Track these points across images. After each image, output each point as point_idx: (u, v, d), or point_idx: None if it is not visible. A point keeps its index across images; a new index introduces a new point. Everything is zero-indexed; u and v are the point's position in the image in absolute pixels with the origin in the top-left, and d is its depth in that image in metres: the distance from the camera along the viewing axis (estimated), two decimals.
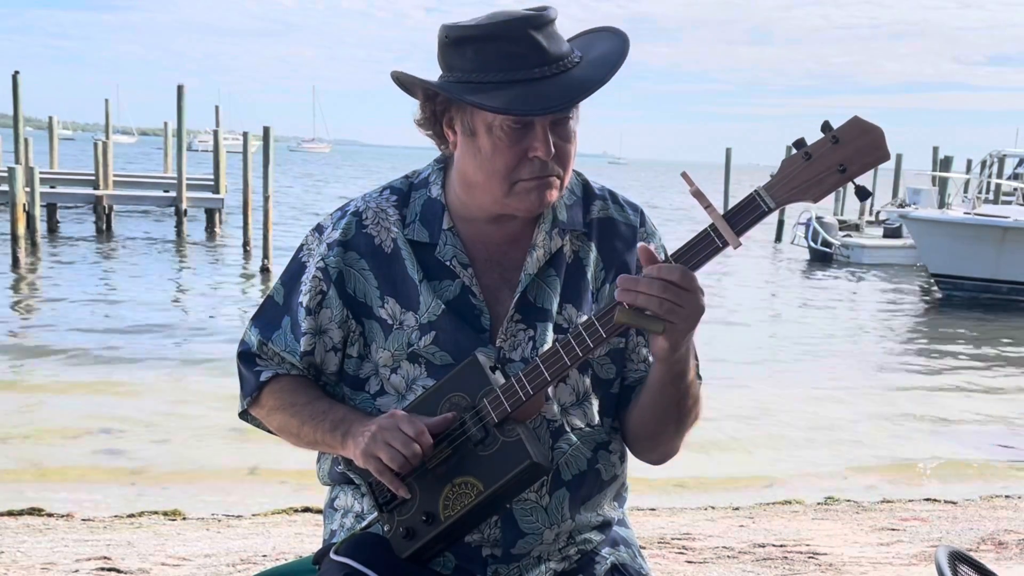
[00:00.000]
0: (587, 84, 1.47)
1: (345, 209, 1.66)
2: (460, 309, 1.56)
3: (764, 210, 1.37)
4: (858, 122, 1.34)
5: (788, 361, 11.83)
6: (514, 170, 1.49)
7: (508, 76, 1.46)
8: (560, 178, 1.53)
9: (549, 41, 1.48)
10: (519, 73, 1.46)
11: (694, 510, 5.19)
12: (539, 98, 1.44)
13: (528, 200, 1.51)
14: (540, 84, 1.46)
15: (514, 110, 1.44)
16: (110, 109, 33.91)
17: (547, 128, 1.48)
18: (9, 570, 3.55)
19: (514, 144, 1.48)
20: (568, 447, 1.57)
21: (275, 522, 4.54)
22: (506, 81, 1.46)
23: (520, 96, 1.45)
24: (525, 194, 1.51)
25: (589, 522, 1.62)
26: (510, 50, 1.46)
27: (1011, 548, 4.34)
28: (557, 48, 1.49)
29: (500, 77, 1.46)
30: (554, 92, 1.45)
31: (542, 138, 1.48)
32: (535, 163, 1.49)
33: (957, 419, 9.08)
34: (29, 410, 8.02)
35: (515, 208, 1.53)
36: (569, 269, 1.60)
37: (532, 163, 1.49)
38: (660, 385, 1.51)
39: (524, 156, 1.49)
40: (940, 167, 28.78)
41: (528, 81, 1.46)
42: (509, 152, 1.48)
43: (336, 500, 1.70)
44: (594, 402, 1.60)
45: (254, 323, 1.70)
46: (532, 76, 1.46)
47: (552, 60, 1.48)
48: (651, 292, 1.36)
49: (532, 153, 1.48)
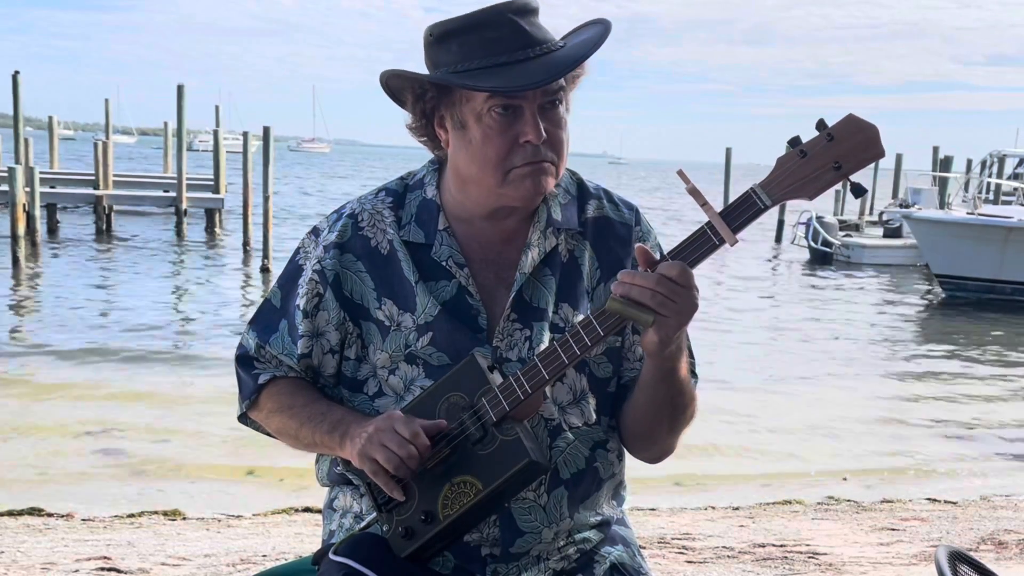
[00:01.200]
0: (571, 60, 1.49)
1: (341, 211, 1.66)
2: (457, 309, 1.56)
3: (760, 207, 1.37)
4: (853, 120, 1.35)
5: (788, 361, 11.82)
6: (506, 158, 1.50)
7: (492, 60, 1.48)
8: (555, 164, 1.54)
9: (531, 27, 1.50)
10: (502, 57, 1.48)
11: (694, 510, 5.19)
12: (524, 75, 1.46)
13: (523, 188, 1.51)
14: (524, 64, 1.48)
15: (500, 87, 1.45)
16: (110, 109, 33.93)
17: (536, 113, 1.49)
18: (9, 570, 3.55)
19: (504, 131, 1.49)
20: (566, 445, 1.58)
21: (275, 522, 4.54)
22: (491, 65, 1.47)
23: (505, 76, 1.46)
24: (520, 181, 1.51)
25: (588, 521, 1.62)
26: (492, 36, 1.48)
27: (1011, 548, 4.33)
28: (540, 33, 1.51)
29: (485, 63, 1.48)
30: (538, 69, 1.47)
31: (532, 123, 1.48)
32: (527, 148, 1.50)
33: (957, 419, 9.07)
34: (29, 410, 8.02)
35: (511, 198, 1.53)
36: (564, 268, 1.61)
37: (524, 149, 1.50)
38: (653, 382, 1.52)
39: (515, 142, 1.49)
40: (940, 167, 28.77)
41: (512, 63, 1.48)
42: (500, 139, 1.49)
43: (335, 500, 1.70)
44: (591, 401, 1.60)
45: (251, 326, 1.70)
46: (516, 58, 1.48)
47: (535, 43, 1.49)
48: (646, 284, 1.37)
49: (523, 138, 1.49)
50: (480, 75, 1.47)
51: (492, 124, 1.49)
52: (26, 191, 17.82)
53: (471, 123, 1.50)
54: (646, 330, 1.40)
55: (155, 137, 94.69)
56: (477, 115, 1.49)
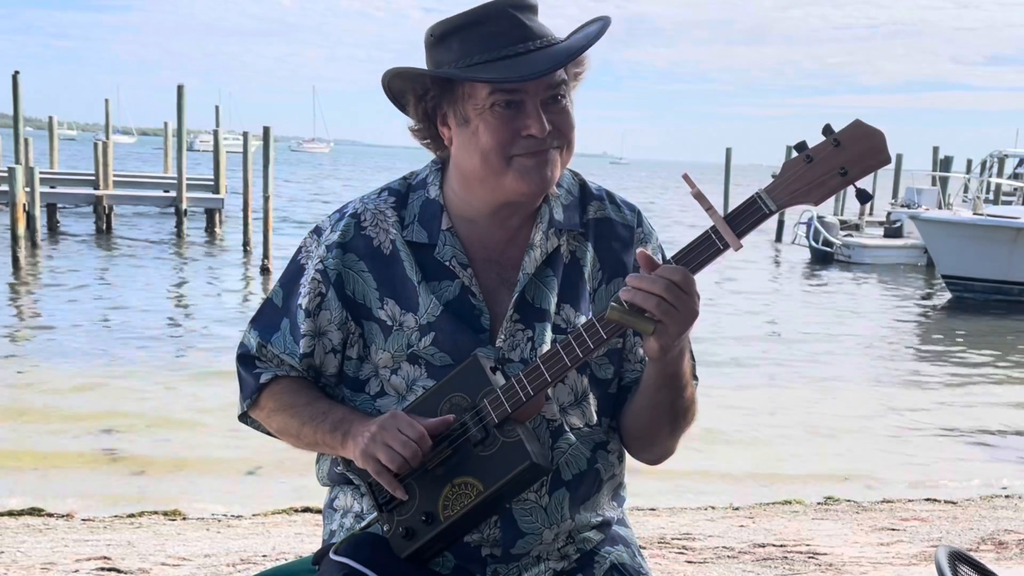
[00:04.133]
0: (571, 50, 1.49)
1: (343, 211, 1.66)
2: (460, 310, 1.56)
3: (765, 212, 1.37)
4: (860, 125, 1.35)
5: (789, 360, 11.82)
6: (508, 146, 1.50)
7: (493, 55, 1.48)
8: (561, 149, 1.53)
9: (531, 22, 1.51)
10: (504, 50, 1.48)
11: (694, 510, 5.18)
12: (526, 65, 1.46)
13: (528, 180, 1.51)
14: (525, 57, 1.48)
15: (501, 79, 1.46)
16: (110, 109, 33.91)
17: (538, 106, 1.49)
18: (9, 570, 3.55)
19: (508, 123, 1.49)
20: (568, 447, 1.58)
21: (275, 522, 4.54)
22: (492, 59, 1.48)
23: (507, 68, 1.46)
24: (525, 172, 1.50)
25: (588, 522, 1.62)
26: (492, 30, 1.49)
27: (1011, 548, 4.33)
28: (540, 28, 1.52)
29: (486, 57, 1.48)
30: (539, 60, 1.47)
31: (535, 115, 1.48)
32: (531, 140, 1.50)
33: (958, 419, 9.07)
34: (29, 410, 8.02)
35: (516, 190, 1.52)
36: (566, 269, 1.60)
37: (527, 140, 1.50)
38: (655, 386, 1.52)
39: (518, 135, 1.49)
40: (940, 167, 28.75)
41: (513, 56, 1.48)
42: (503, 130, 1.49)
43: (335, 500, 1.70)
44: (592, 402, 1.60)
45: (253, 325, 1.69)
46: (517, 51, 1.48)
47: (535, 36, 1.50)
48: (651, 290, 1.36)
49: (525, 132, 1.49)
50: (482, 69, 1.47)
51: (495, 118, 1.49)
52: (26, 191, 17.83)
53: (474, 118, 1.50)
54: (647, 338, 1.40)
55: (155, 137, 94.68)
56: (480, 110, 1.49)
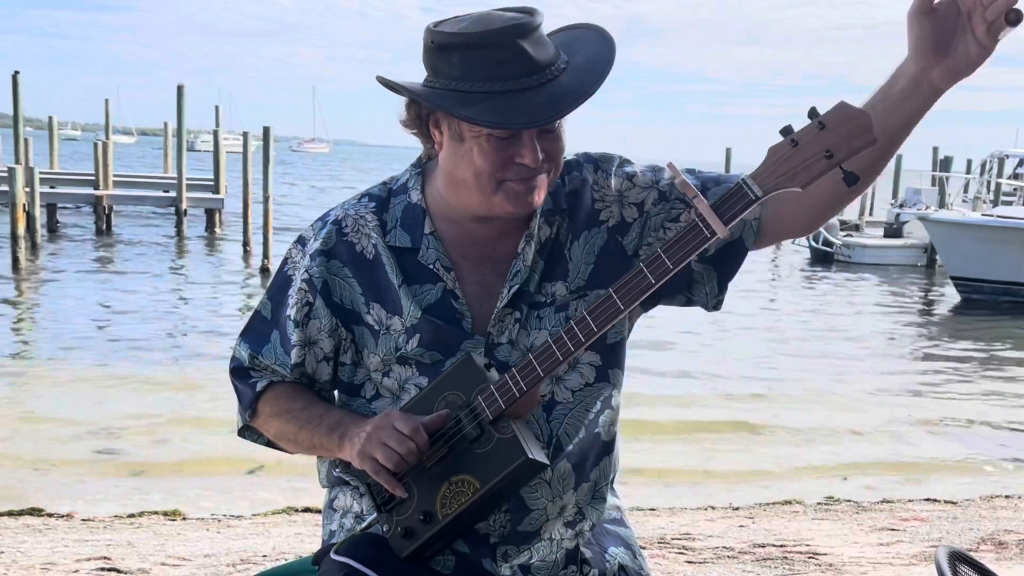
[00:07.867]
0: (576, 95, 1.46)
1: (325, 219, 1.66)
2: (441, 313, 1.56)
3: (752, 198, 1.36)
4: (844, 107, 1.33)
5: (789, 361, 11.82)
6: (500, 172, 1.49)
7: (495, 86, 1.44)
8: (549, 174, 1.53)
9: (535, 48, 1.46)
10: (506, 83, 1.44)
11: (694, 510, 5.19)
12: (527, 109, 1.43)
13: (516, 203, 1.50)
14: (527, 95, 1.44)
15: (502, 124, 1.44)
16: (110, 109, 33.90)
17: (534, 138, 1.47)
18: (9, 570, 3.55)
19: (501, 151, 1.48)
20: (564, 416, 1.58)
21: (275, 522, 4.55)
22: (493, 91, 1.44)
23: (508, 108, 1.43)
24: (514, 196, 1.50)
25: (591, 494, 1.63)
26: (497, 58, 1.44)
27: (1011, 548, 4.34)
28: (544, 55, 1.47)
29: (487, 87, 1.44)
30: (542, 102, 1.44)
31: (530, 147, 1.47)
32: (523, 168, 1.49)
33: (958, 419, 9.07)
34: (29, 411, 8.03)
35: (502, 210, 1.52)
36: (549, 247, 1.60)
37: (520, 168, 1.49)
38: (912, 115, 1.45)
39: (511, 161, 1.48)
40: (940, 167, 28.73)
41: (515, 92, 1.44)
42: (496, 157, 1.48)
43: (335, 501, 1.71)
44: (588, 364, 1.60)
45: (243, 338, 1.70)
46: (519, 86, 1.44)
47: (539, 68, 1.46)
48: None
49: (519, 159, 1.48)
50: (480, 100, 1.44)
51: (490, 145, 1.47)
52: (26, 191, 17.83)
53: (469, 139, 1.48)
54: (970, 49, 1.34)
55: (155, 137, 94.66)
56: (475, 134, 1.47)
